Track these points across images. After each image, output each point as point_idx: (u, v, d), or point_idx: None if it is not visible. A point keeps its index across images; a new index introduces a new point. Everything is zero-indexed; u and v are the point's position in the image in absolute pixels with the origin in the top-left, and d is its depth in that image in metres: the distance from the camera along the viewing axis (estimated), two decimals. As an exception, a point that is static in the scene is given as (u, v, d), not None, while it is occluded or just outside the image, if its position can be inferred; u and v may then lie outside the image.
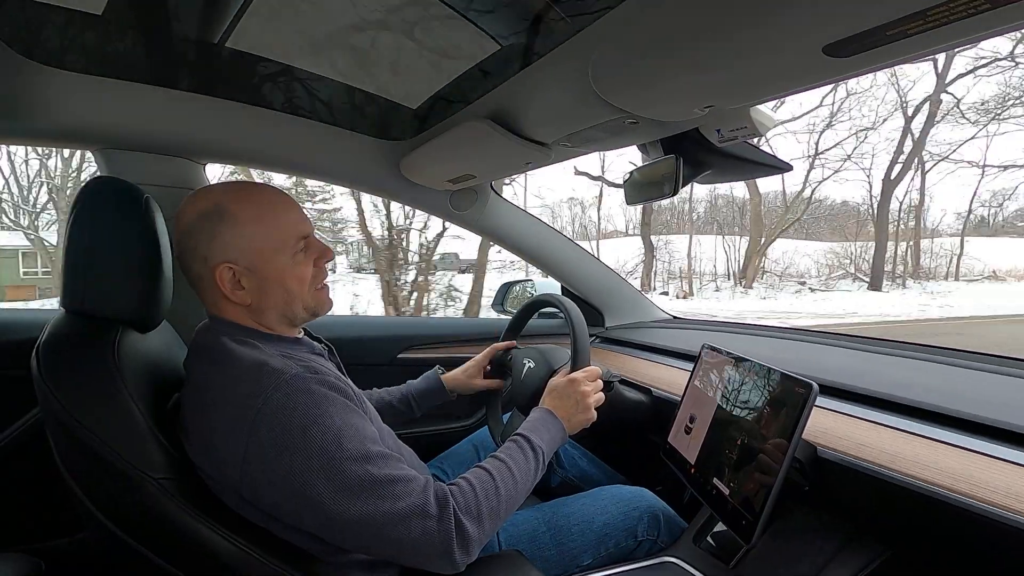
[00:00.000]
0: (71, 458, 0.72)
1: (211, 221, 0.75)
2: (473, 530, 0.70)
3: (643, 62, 0.71)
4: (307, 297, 0.81)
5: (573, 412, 0.92)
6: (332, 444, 0.67)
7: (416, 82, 1.02)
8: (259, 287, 0.77)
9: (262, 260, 0.77)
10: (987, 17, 0.46)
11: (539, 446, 0.83)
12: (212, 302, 0.79)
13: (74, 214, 0.78)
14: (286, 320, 0.82)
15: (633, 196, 1.23)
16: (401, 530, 0.67)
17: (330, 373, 0.74)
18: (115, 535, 0.70)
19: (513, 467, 0.79)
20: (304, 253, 0.81)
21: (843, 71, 0.61)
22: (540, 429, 0.87)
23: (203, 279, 0.77)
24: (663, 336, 1.59)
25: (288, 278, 0.79)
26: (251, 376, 0.70)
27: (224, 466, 0.69)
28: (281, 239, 0.78)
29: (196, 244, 0.76)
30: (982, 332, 8.26)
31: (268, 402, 0.67)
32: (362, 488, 0.66)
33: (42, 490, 1.10)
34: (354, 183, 1.54)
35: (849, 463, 0.75)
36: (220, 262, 0.75)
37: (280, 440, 0.66)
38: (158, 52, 0.95)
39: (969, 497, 0.62)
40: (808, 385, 0.76)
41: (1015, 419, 0.72)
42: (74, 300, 0.78)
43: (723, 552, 0.89)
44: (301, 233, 0.80)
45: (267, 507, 0.70)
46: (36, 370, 0.72)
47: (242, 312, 0.79)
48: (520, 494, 0.79)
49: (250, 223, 0.76)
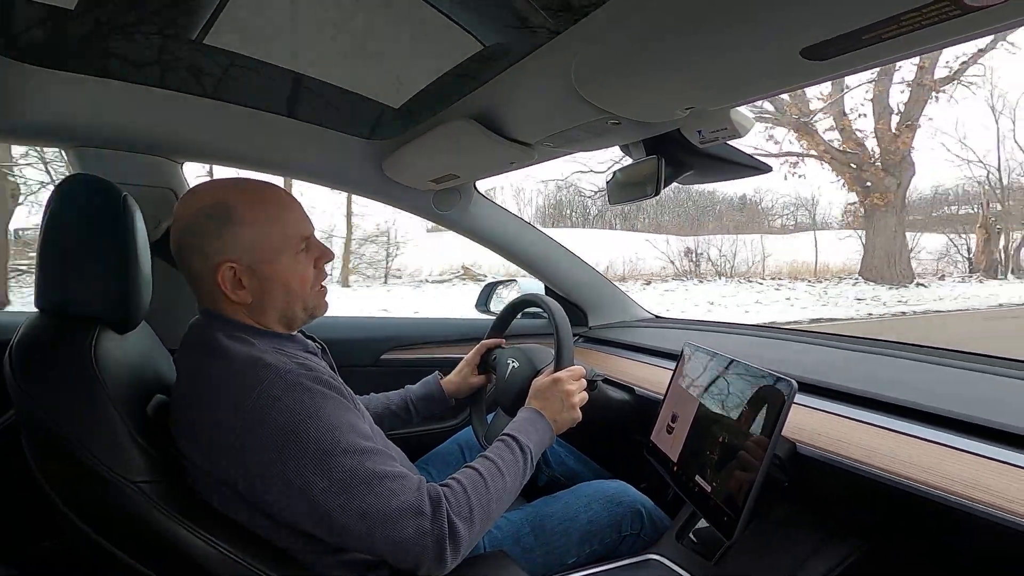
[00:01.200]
0: (47, 462, 0.70)
1: (215, 219, 0.75)
2: (465, 531, 0.70)
3: (625, 63, 0.71)
4: (308, 298, 0.81)
5: (559, 411, 0.92)
6: (327, 439, 0.66)
7: (399, 81, 1.01)
8: (260, 287, 0.77)
9: (265, 260, 0.76)
10: (958, 22, 0.47)
11: (527, 446, 0.83)
12: (209, 299, 0.78)
13: (49, 212, 0.76)
14: (284, 320, 0.81)
15: (616, 196, 1.24)
16: (395, 528, 0.67)
17: (324, 371, 0.74)
18: (93, 540, 0.69)
19: (503, 468, 0.79)
20: (306, 253, 0.80)
21: (821, 73, 0.62)
22: (528, 429, 0.87)
23: (203, 277, 0.76)
24: (646, 335, 1.60)
25: (290, 278, 0.78)
26: (246, 371, 0.69)
27: (219, 460, 0.69)
28: (284, 239, 0.78)
29: (198, 241, 0.75)
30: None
31: (263, 396, 0.67)
32: (357, 483, 0.66)
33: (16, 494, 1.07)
34: (336, 183, 1.52)
35: (828, 459, 0.76)
36: (222, 260, 0.74)
37: (275, 434, 0.65)
38: (134, 48, 0.93)
39: (940, 490, 0.64)
40: (788, 383, 0.77)
41: (986, 414, 0.74)
42: (49, 300, 0.76)
43: (705, 548, 0.90)
44: (303, 233, 0.80)
45: (261, 502, 0.69)
46: (9, 372, 0.70)
47: (240, 310, 0.78)
48: (510, 494, 0.79)
49: (254, 223, 0.76)
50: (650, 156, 1.10)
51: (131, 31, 0.88)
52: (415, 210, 1.57)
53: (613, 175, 1.24)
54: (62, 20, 0.82)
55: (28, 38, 0.88)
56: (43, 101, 0.99)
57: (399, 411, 1.16)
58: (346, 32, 0.86)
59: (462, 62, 0.90)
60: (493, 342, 1.25)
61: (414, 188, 1.46)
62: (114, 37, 0.89)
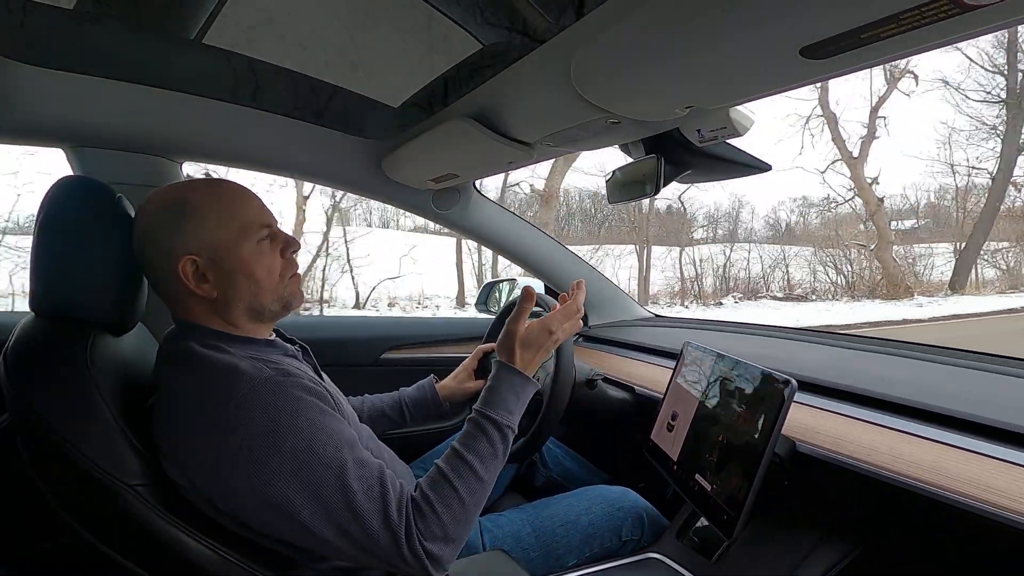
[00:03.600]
0: (43, 464, 0.70)
1: (171, 214, 0.74)
2: (443, 551, 0.68)
3: (624, 62, 0.71)
4: (278, 287, 0.79)
5: (535, 355, 0.86)
6: (304, 451, 0.65)
7: (398, 81, 1.01)
8: (225, 279, 0.75)
9: (224, 250, 0.75)
10: (957, 21, 0.47)
11: (505, 425, 0.78)
12: (177, 302, 0.77)
13: (43, 214, 0.75)
14: (254, 314, 0.79)
15: (616, 195, 1.24)
16: (375, 546, 0.65)
17: (303, 376, 0.73)
18: (89, 543, 0.69)
19: (477, 465, 0.74)
20: (269, 242, 0.79)
21: (820, 72, 0.62)
22: (506, 399, 0.80)
23: (168, 276, 0.75)
24: (645, 334, 1.60)
25: (255, 267, 0.77)
26: (220, 382, 0.68)
27: (195, 475, 0.67)
28: (242, 228, 0.76)
29: (158, 239, 0.74)
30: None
31: (238, 408, 0.65)
32: (335, 497, 0.65)
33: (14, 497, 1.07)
34: (335, 182, 1.52)
35: (827, 457, 0.76)
36: (182, 255, 0.73)
37: (250, 449, 0.64)
38: (133, 48, 0.92)
39: (941, 488, 0.64)
40: (787, 381, 0.77)
41: (989, 413, 0.74)
42: (44, 303, 0.76)
43: (705, 547, 0.90)
44: (263, 221, 0.79)
45: (240, 516, 0.68)
46: (4, 375, 0.70)
47: (208, 310, 0.77)
48: (488, 487, 0.75)
49: (211, 213, 0.75)
50: (649, 155, 1.10)
51: (130, 31, 0.88)
52: (414, 209, 1.57)
53: (612, 174, 1.24)
54: (61, 20, 0.82)
55: (27, 38, 0.88)
56: (42, 101, 0.99)
57: (392, 413, 1.15)
58: (345, 32, 0.85)
59: (461, 61, 0.90)
60: (490, 347, 1.25)
61: (413, 187, 1.46)
62: (113, 37, 0.89)
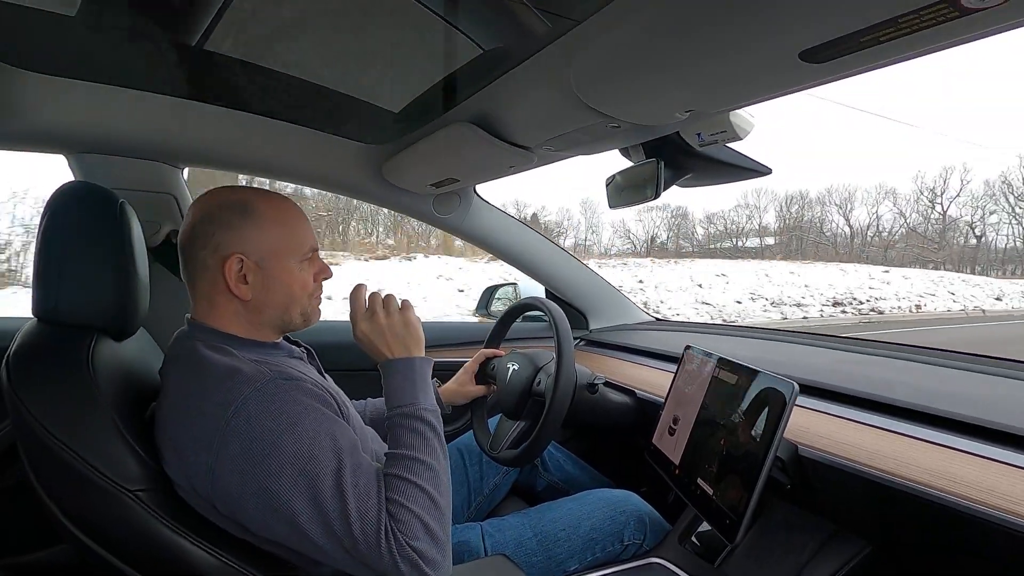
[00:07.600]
0: (44, 471, 0.70)
1: (234, 212, 0.76)
2: (431, 549, 0.68)
3: (624, 67, 0.71)
4: (306, 304, 0.82)
5: (403, 338, 0.84)
6: (304, 456, 0.65)
7: (398, 86, 1.01)
8: (263, 284, 0.77)
9: (274, 259, 0.77)
10: (956, 24, 0.47)
11: (414, 410, 0.77)
12: (206, 298, 0.77)
13: (46, 219, 0.76)
14: (279, 323, 0.81)
15: (616, 199, 1.24)
16: (372, 555, 0.65)
17: (306, 379, 0.73)
18: (91, 549, 0.68)
19: (412, 453, 0.73)
20: (309, 264, 0.82)
21: (819, 76, 0.62)
22: (399, 389, 0.80)
23: (208, 268, 0.76)
24: (646, 338, 1.60)
25: (293, 282, 0.80)
26: (223, 384, 0.68)
27: (195, 478, 0.67)
28: (295, 244, 0.80)
29: (213, 230, 0.75)
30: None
31: (239, 412, 0.65)
32: (332, 504, 0.64)
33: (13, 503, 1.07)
34: (335, 187, 1.52)
35: (830, 461, 0.76)
36: (232, 252, 0.75)
37: (250, 452, 0.64)
38: (134, 55, 0.93)
39: (946, 492, 0.64)
40: (789, 385, 0.77)
41: (993, 416, 0.74)
42: (46, 308, 0.76)
43: (708, 551, 0.90)
44: (312, 245, 0.82)
45: (240, 520, 0.68)
46: (6, 381, 0.70)
47: (234, 311, 0.77)
48: (438, 472, 0.73)
49: (271, 223, 0.78)
50: (650, 159, 1.10)
51: (131, 38, 0.88)
52: (415, 214, 1.57)
53: (613, 178, 1.24)
54: (63, 27, 0.83)
55: (29, 45, 0.88)
56: (44, 107, 1.00)
57: None
58: (345, 37, 0.86)
59: (461, 66, 0.90)
60: (492, 352, 1.25)
61: (414, 192, 1.46)
62: (114, 44, 0.90)
